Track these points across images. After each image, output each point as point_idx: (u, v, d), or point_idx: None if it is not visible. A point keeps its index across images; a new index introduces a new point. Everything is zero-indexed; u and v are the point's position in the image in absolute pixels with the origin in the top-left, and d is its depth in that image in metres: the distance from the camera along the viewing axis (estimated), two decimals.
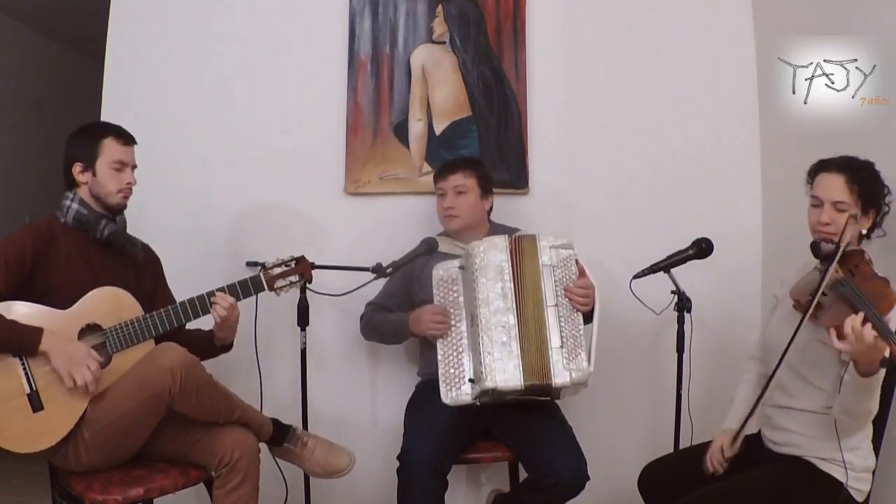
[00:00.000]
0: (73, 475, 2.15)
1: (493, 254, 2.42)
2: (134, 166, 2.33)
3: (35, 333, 2.07)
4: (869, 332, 1.72)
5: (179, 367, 2.08)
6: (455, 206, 2.65)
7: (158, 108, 2.93)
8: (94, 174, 2.27)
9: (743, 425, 2.08)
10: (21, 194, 4.93)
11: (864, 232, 2.07)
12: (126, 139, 2.31)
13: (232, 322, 2.34)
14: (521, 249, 2.43)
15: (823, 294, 1.91)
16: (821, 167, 2.13)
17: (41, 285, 2.16)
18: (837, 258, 1.91)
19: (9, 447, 2.06)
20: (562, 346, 2.35)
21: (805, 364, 2.05)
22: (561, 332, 2.36)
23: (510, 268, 2.40)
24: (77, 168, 2.27)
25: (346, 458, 2.40)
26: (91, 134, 2.31)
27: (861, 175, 2.02)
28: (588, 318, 2.42)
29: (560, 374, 2.32)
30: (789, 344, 2.00)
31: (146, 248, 2.45)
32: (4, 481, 3.33)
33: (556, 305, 2.39)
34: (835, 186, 2.06)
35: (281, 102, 2.99)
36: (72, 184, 2.29)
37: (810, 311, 1.93)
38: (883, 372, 1.80)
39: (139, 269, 2.38)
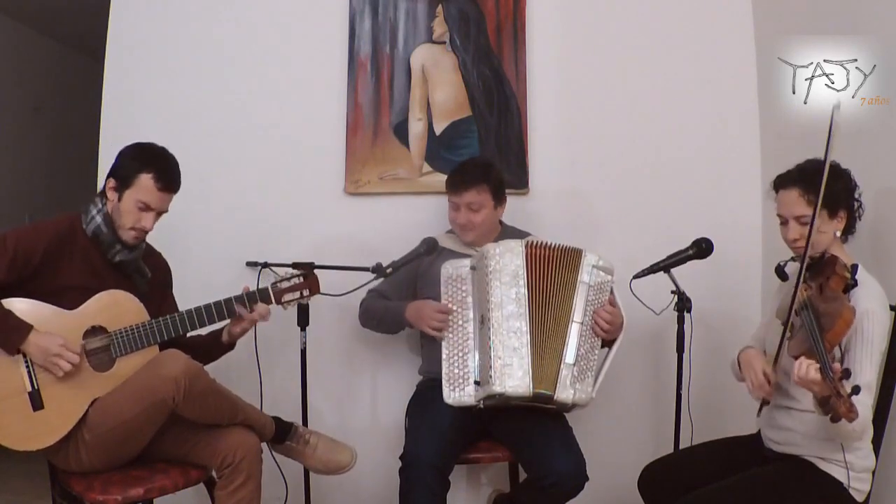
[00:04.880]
0: (73, 475, 2.15)
1: (508, 258, 2.40)
2: (162, 212, 2.25)
3: (19, 331, 2.04)
4: (814, 376, 1.71)
5: (184, 376, 2.07)
6: (469, 222, 2.61)
7: (158, 109, 2.93)
8: (119, 199, 2.21)
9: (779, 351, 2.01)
10: (21, 194, 4.93)
11: (838, 234, 2.05)
12: (165, 184, 2.21)
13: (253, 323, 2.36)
14: (553, 259, 2.41)
15: (796, 314, 1.91)
16: (778, 184, 2.12)
17: (49, 285, 2.14)
18: (799, 284, 1.89)
19: (7, 444, 2.06)
20: (574, 364, 2.34)
21: None
22: (578, 350, 2.36)
23: (525, 273, 2.39)
24: (110, 183, 2.23)
25: (348, 455, 2.40)
26: (139, 160, 2.22)
27: (816, 181, 1.93)
28: (608, 344, 2.43)
29: (564, 390, 2.32)
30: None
31: (157, 262, 2.41)
32: (4, 481, 3.32)
33: (581, 323, 2.38)
34: (792, 201, 2.06)
35: (281, 102, 2.98)
36: (104, 191, 2.25)
37: (786, 335, 1.93)
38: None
39: (149, 286, 2.35)
